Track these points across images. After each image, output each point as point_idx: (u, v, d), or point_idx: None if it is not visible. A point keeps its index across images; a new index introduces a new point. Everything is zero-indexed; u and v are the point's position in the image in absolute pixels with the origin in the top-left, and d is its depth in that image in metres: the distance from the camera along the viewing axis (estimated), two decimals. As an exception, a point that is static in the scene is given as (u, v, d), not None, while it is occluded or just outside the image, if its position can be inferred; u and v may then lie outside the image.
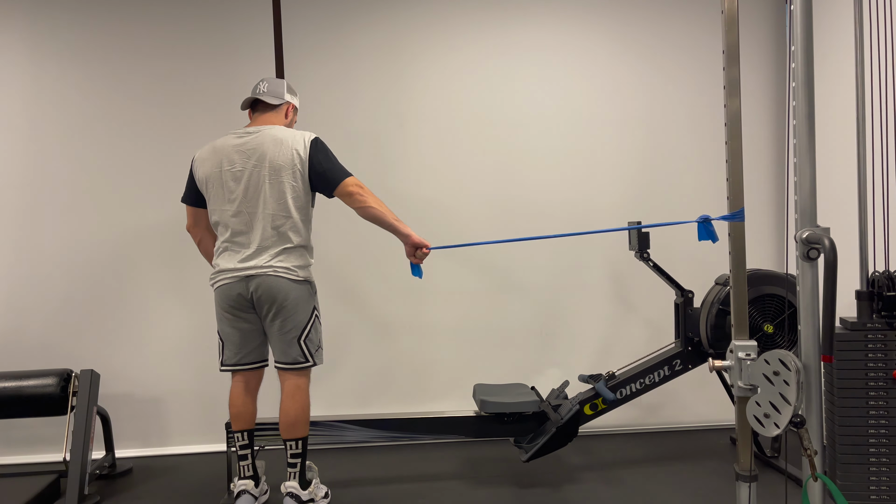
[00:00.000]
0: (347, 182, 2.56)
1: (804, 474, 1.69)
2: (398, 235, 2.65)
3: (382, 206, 2.60)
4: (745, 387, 1.81)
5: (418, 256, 2.69)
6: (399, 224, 2.62)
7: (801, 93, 1.70)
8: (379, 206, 2.59)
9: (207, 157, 2.62)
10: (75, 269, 3.48)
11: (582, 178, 3.72)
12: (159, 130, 3.51)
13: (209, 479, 3.12)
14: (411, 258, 2.70)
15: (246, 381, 2.70)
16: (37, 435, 3.40)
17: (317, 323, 2.68)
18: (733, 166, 1.96)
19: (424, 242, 2.67)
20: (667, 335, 3.40)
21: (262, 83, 2.70)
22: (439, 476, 3.12)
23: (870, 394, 2.37)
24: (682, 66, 3.77)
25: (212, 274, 2.65)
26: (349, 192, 2.56)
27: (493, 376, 3.51)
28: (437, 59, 3.67)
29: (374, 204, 2.58)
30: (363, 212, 2.59)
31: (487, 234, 3.66)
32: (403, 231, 2.64)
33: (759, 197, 3.81)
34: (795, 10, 1.70)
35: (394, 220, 2.61)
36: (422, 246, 2.67)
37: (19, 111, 3.45)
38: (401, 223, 2.63)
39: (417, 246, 2.67)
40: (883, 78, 2.47)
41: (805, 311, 1.71)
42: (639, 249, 3.10)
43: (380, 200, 2.61)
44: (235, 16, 3.55)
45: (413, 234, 2.65)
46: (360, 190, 2.57)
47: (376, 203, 2.58)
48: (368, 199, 2.57)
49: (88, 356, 3.41)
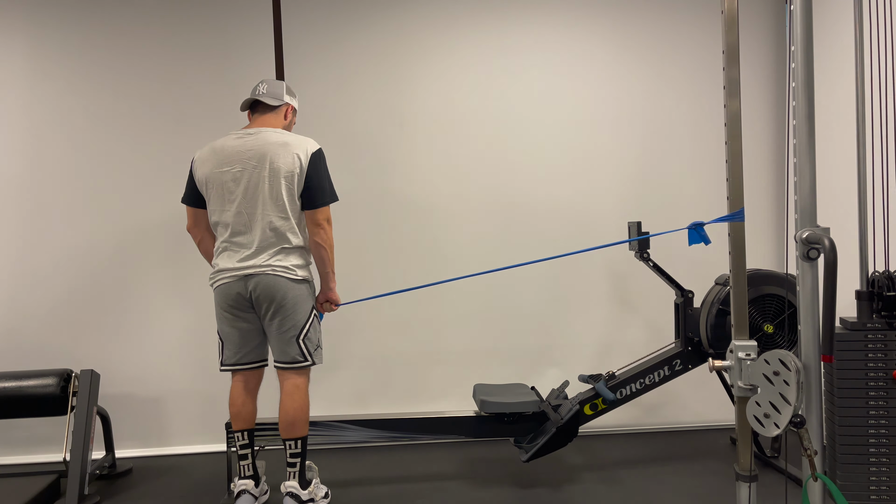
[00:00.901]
0: (323, 211, 2.62)
1: (804, 474, 1.69)
2: (323, 283, 2.75)
3: (332, 252, 2.69)
4: (745, 387, 1.81)
5: (325, 308, 2.80)
6: (332, 276, 2.74)
7: (801, 93, 1.70)
8: (330, 252, 2.68)
9: (207, 157, 2.62)
10: (75, 270, 3.48)
11: (582, 178, 3.72)
12: (159, 131, 3.51)
13: (209, 479, 3.12)
14: (319, 307, 2.77)
15: (246, 380, 2.70)
16: (37, 435, 3.40)
17: (315, 322, 2.69)
18: (733, 166, 1.96)
19: (337, 300, 2.79)
20: (667, 335, 3.40)
21: (261, 84, 2.71)
22: (439, 476, 3.12)
23: (870, 394, 2.37)
24: (682, 66, 3.77)
25: (211, 274, 2.65)
26: (317, 222, 2.62)
27: (493, 376, 3.51)
28: (436, 60, 3.67)
29: (327, 247, 2.66)
30: (315, 247, 2.65)
31: (487, 233, 3.67)
32: (330, 284, 2.74)
33: (759, 197, 3.81)
34: (795, 10, 1.70)
35: (330, 271, 2.72)
36: (334, 302, 2.79)
37: (19, 111, 3.45)
38: (333, 276, 2.74)
39: (331, 301, 2.78)
40: (883, 78, 2.48)
41: (805, 311, 1.71)
42: (639, 249, 3.10)
43: (333, 245, 2.69)
44: (235, 17, 3.55)
45: (335, 290, 2.77)
46: (326, 226, 2.64)
47: (329, 247, 2.67)
48: (328, 240, 2.65)
49: (88, 356, 3.41)
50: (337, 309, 2.82)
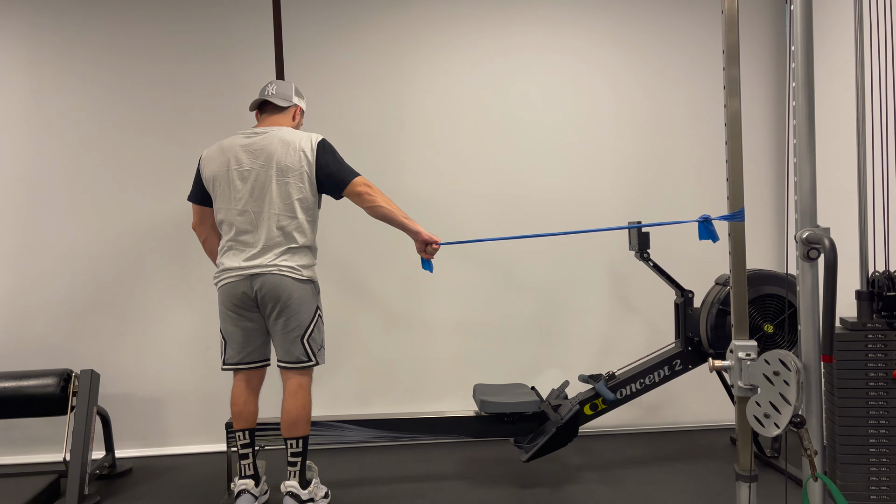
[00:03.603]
0: (356, 182, 2.59)
1: (804, 474, 1.69)
2: (408, 232, 2.68)
3: (391, 204, 2.63)
4: (745, 387, 1.81)
5: (429, 252, 2.72)
6: (409, 221, 2.66)
7: (801, 93, 1.70)
8: (388, 205, 2.62)
9: (215, 156, 2.63)
10: (76, 270, 3.48)
11: (582, 177, 3.72)
12: (159, 130, 3.51)
13: (209, 479, 3.12)
14: (422, 254, 2.72)
15: (248, 380, 2.70)
16: (37, 435, 3.40)
17: (320, 323, 2.69)
18: (733, 166, 1.96)
19: (435, 238, 2.70)
20: (667, 335, 3.40)
21: (270, 85, 2.72)
22: (439, 476, 3.12)
23: (870, 394, 2.37)
24: (682, 67, 3.77)
25: (216, 272, 2.66)
26: (358, 192, 2.58)
27: (493, 376, 3.51)
28: (437, 60, 3.67)
29: (384, 203, 2.61)
30: (373, 211, 2.61)
31: (487, 233, 3.66)
32: (413, 228, 2.67)
33: (759, 197, 3.81)
34: (795, 10, 1.70)
35: (403, 218, 2.65)
36: (432, 242, 2.70)
37: (20, 111, 3.45)
38: (410, 220, 2.66)
39: (428, 242, 2.70)
40: (883, 78, 2.47)
41: (805, 311, 1.71)
42: (639, 249, 3.10)
43: (388, 199, 2.64)
44: (235, 17, 3.55)
45: (423, 230, 2.69)
46: (368, 189, 2.60)
47: (385, 202, 2.62)
48: (378, 199, 2.60)
49: (88, 356, 3.41)
50: (439, 248, 2.69)
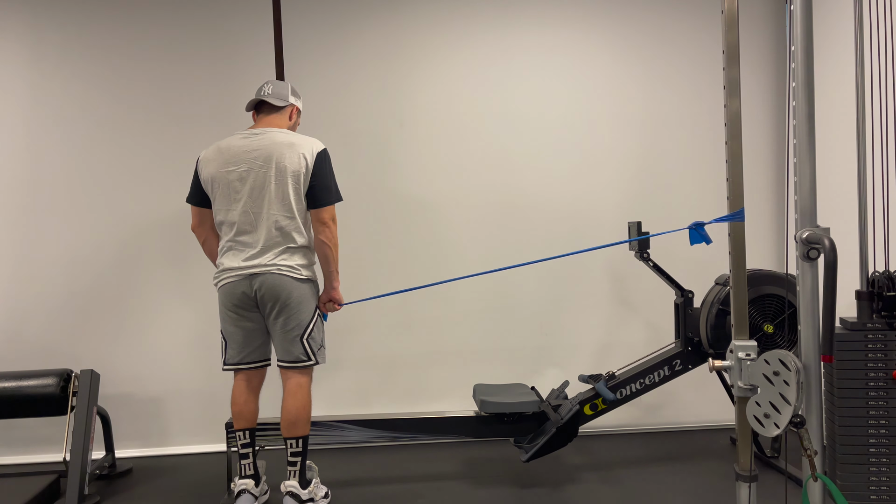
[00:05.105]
0: (329, 209, 2.63)
1: (804, 474, 1.69)
2: (327, 282, 2.73)
3: (336, 251, 2.68)
4: (745, 387, 1.81)
5: (328, 308, 2.78)
6: (336, 275, 2.72)
7: (801, 93, 1.70)
8: (334, 251, 2.67)
9: (213, 157, 2.63)
10: (76, 270, 3.48)
11: (582, 178, 3.72)
12: (159, 130, 3.51)
13: (209, 479, 3.12)
14: (322, 307, 2.75)
15: (248, 379, 2.70)
16: (37, 435, 3.40)
17: (319, 322, 2.69)
18: (733, 166, 1.96)
19: (340, 299, 2.77)
20: (667, 335, 3.40)
21: (266, 85, 2.72)
22: (439, 476, 3.12)
23: (870, 394, 2.37)
24: (682, 67, 3.77)
25: (216, 273, 2.66)
26: (323, 220, 2.62)
27: (493, 376, 3.51)
28: (436, 60, 3.67)
29: (332, 245, 2.65)
30: (320, 245, 2.65)
31: (486, 233, 3.67)
32: (334, 283, 2.72)
33: (759, 197, 3.80)
34: (795, 10, 1.70)
35: (334, 270, 2.71)
36: (337, 301, 2.76)
37: (20, 111, 3.45)
38: (337, 275, 2.72)
39: (334, 300, 2.76)
40: (883, 78, 2.47)
41: (805, 311, 1.71)
42: (639, 249, 3.10)
43: (337, 244, 2.67)
44: (235, 17, 3.55)
45: (338, 289, 2.74)
46: (332, 225, 2.64)
47: (334, 246, 2.66)
48: (333, 238, 2.65)
49: (88, 356, 3.41)
50: (340, 309, 2.81)
